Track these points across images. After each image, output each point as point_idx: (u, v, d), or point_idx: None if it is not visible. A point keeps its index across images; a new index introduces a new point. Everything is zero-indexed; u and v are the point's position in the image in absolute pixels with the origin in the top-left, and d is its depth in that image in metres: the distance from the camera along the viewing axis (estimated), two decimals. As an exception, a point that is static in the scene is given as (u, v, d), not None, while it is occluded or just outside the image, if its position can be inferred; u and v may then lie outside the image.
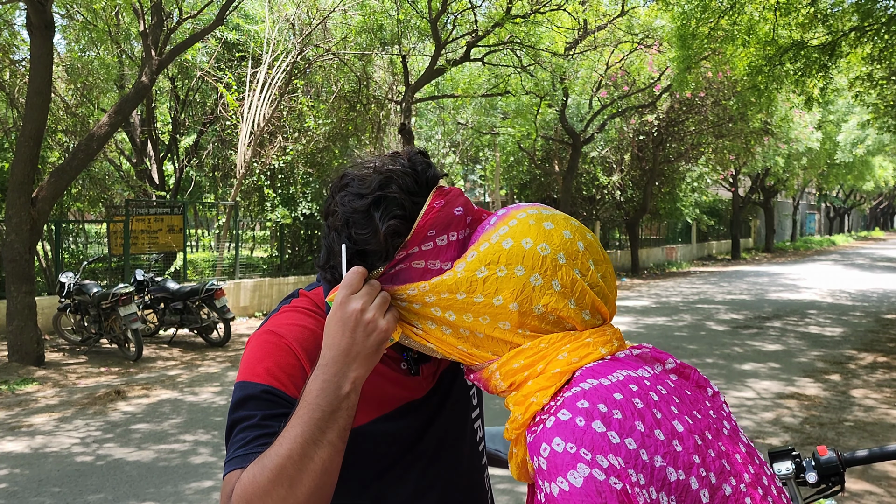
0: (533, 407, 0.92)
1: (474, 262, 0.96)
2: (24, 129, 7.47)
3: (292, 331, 1.09)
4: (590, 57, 15.52)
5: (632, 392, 0.88)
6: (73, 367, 7.76)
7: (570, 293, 0.95)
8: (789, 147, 22.29)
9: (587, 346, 0.95)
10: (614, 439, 0.83)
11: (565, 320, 0.96)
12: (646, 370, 0.94)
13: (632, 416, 0.85)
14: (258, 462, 0.94)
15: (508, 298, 0.94)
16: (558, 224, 0.99)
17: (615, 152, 20.78)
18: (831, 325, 10.74)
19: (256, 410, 1.02)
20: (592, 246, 0.99)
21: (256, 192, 14.48)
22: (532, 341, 0.96)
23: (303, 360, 1.06)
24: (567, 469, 0.82)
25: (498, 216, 1.02)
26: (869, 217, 63.05)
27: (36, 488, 4.20)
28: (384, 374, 1.14)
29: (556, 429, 0.85)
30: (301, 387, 1.02)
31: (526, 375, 0.95)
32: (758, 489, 0.91)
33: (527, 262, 0.95)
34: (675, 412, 0.89)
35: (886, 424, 5.58)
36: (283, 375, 1.04)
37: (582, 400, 0.87)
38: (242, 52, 14.60)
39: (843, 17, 10.64)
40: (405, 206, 0.98)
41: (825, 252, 33.45)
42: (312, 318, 1.12)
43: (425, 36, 13.73)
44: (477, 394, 1.30)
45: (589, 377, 0.91)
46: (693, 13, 10.28)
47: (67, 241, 11.88)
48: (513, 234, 0.97)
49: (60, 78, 13.22)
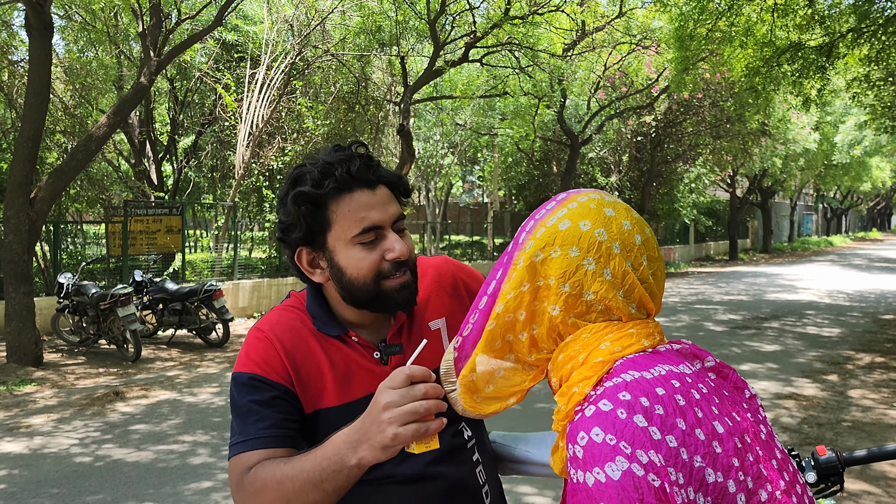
0: (575, 397, 0.91)
1: (531, 250, 0.96)
2: (23, 130, 7.46)
3: (272, 325, 1.26)
4: (588, 58, 15.54)
5: (674, 388, 0.87)
6: (71, 368, 7.76)
7: (620, 284, 0.94)
8: (787, 148, 22.33)
9: (630, 336, 0.93)
10: (655, 435, 0.81)
11: (612, 311, 0.95)
12: (686, 366, 0.93)
13: (673, 412, 0.84)
14: (279, 466, 1.11)
15: (560, 279, 0.94)
16: (619, 213, 0.97)
17: (613, 153, 20.81)
18: (829, 326, 10.76)
19: (247, 396, 1.19)
20: (649, 241, 0.98)
21: (255, 192, 14.47)
22: (574, 333, 0.95)
23: (278, 349, 1.22)
24: (605, 460, 0.80)
25: (557, 200, 1.01)
26: (866, 218, 63.15)
27: (34, 489, 4.20)
28: (357, 361, 1.25)
29: (596, 418, 0.83)
30: (280, 373, 1.20)
31: (570, 367, 0.94)
32: (792, 497, 0.89)
33: (582, 244, 0.94)
34: (715, 412, 0.88)
35: (884, 425, 5.59)
36: (264, 363, 1.21)
37: (624, 391, 0.85)
38: (241, 53, 14.60)
39: (841, 19, 10.65)
40: (310, 196, 1.19)
41: (823, 253, 33.51)
42: (292, 313, 1.28)
43: (424, 37, 13.74)
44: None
45: (630, 368, 0.89)
46: (691, 14, 10.30)
47: (66, 242, 11.86)
48: (571, 216, 0.96)
49: (59, 79, 13.21)
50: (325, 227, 1.21)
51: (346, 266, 1.21)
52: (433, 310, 1.34)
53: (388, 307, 1.24)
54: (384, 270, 1.21)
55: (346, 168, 1.19)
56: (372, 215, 1.20)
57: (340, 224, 1.20)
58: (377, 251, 1.21)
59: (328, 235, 1.21)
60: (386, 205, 1.22)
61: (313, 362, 1.23)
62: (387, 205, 1.22)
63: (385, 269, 1.21)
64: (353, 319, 1.28)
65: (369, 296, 1.22)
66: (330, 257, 1.22)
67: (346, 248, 1.20)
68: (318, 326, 1.26)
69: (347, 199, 1.20)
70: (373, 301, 1.22)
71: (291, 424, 1.19)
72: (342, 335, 1.27)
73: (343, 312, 1.28)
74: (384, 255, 1.21)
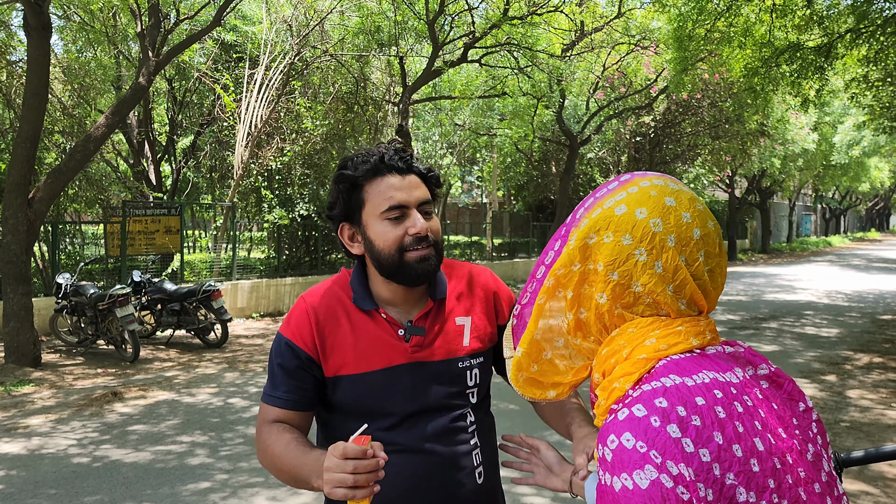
0: (616, 392, 0.89)
1: (585, 230, 0.94)
2: (21, 130, 7.46)
3: (313, 296, 1.47)
4: (587, 58, 15.53)
5: (715, 399, 0.83)
6: (69, 369, 7.75)
7: (670, 279, 0.90)
8: (785, 148, 22.34)
9: (678, 334, 0.90)
10: (688, 447, 0.78)
11: (661, 305, 0.91)
12: (735, 374, 0.88)
13: (711, 425, 0.80)
14: (281, 440, 1.38)
15: (609, 266, 0.91)
16: (680, 203, 0.93)
17: (612, 154, 20.81)
18: (827, 326, 10.77)
19: (278, 358, 1.45)
20: (709, 236, 0.93)
21: (254, 193, 14.46)
22: (620, 327, 0.93)
23: (311, 319, 1.43)
24: (633, 467, 0.79)
25: (619, 181, 0.98)
26: (865, 218, 63.20)
27: (32, 490, 4.19)
28: (382, 336, 1.43)
29: (629, 423, 0.81)
30: (307, 342, 1.42)
31: (613, 362, 0.91)
32: None
33: (635, 232, 0.90)
34: (758, 428, 0.84)
35: (882, 425, 5.59)
36: (297, 330, 1.44)
37: (661, 398, 0.82)
38: (240, 53, 14.59)
39: (839, 19, 10.66)
40: (348, 178, 1.41)
41: (821, 253, 33.53)
42: (336, 286, 1.48)
43: (423, 37, 13.74)
44: (479, 394, 1.51)
45: (673, 372, 0.86)
46: (689, 15, 10.30)
47: (64, 243, 11.84)
48: (628, 202, 0.92)
49: (57, 79, 13.19)
50: (360, 204, 1.41)
51: (376, 239, 1.40)
52: (462, 308, 1.50)
53: (410, 277, 1.40)
54: (406, 244, 1.38)
55: (380, 156, 1.41)
56: (398, 195, 1.39)
57: (372, 202, 1.40)
58: (401, 227, 1.39)
59: (363, 212, 1.41)
60: (412, 188, 1.41)
61: (341, 333, 1.43)
62: (413, 188, 1.41)
63: (407, 243, 1.38)
64: (387, 297, 1.46)
65: (394, 266, 1.39)
66: (364, 231, 1.42)
67: (376, 222, 1.40)
68: (355, 300, 1.45)
69: (379, 181, 1.40)
70: (397, 271, 1.40)
71: (307, 393, 1.44)
72: (373, 311, 1.44)
73: (379, 289, 1.46)
74: (407, 231, 1.38)
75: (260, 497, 4.10)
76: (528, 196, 23.65)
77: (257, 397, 6.44)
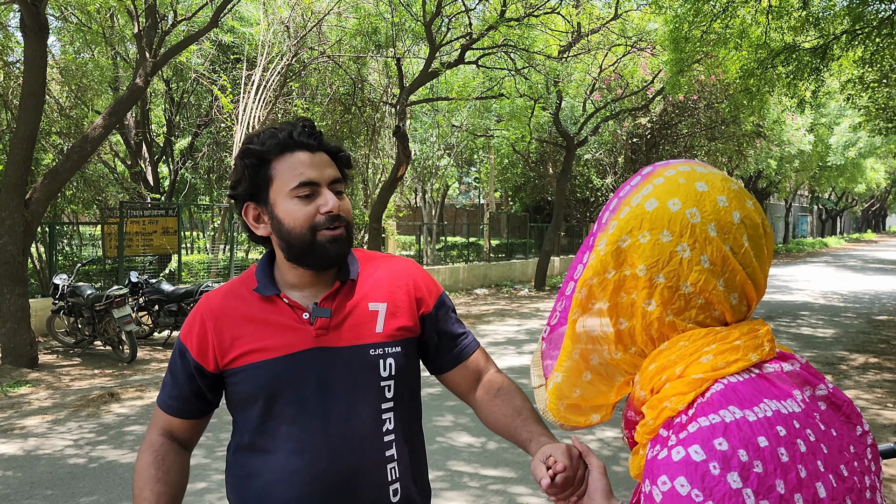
0: (666, 412, 0.81)
1: (615, 233, 0.85)
2: (18, 131, 7.46)
3: (210, 295, 1.42)
4: (583, 60, 15.56)
5: (778, 438, 0.75)
6: (66, 370, 7.74)
7: (720, 272, 0.82)
8: (781, 150, 22.41)
9: (735, 350, 0.81)
10: (749, 500, 0.72)
11: (713, 305, 0.83)
12: (796, 401, 0.80)
13: (774, 472, 0.73)
14: (145, 473, 1.41)
15: (653, 269, 0.82)
16: (713, 186, 0.84)
17: (609, 155, 20.85)
18: (823, 327, 10.80)
19: (172, 360, 1.42)
20: (750, 217, 0.84)
21: (251, 194, 14.44)
22: (669, 340, 0.84)
23: (203, 318, 1.37)
24: None
25: (642, 175, 0.90)
26: (861, 219, 63.35)
27: (28, 491, 4.20)
28: (282, 322, 1.34)
29: (685, 467, 0.74)
30: (196, 344, 1.36)
31: (664, 379, 0.83)
32: None
33: (673, 227, 0.82)
34: (821, 469, 0.76)
35: (878, 425, 5.62)
36: (189, 333, 1.39)
37: (721, 439, 0.74)
38: (237, 54, 14.60)
39: (835, 21, 10.69)
40: (255, 152, 1.33)
41: (817, 254, 33.60)
42: (239, 280, 1.43)
43: (420, 39, 13.75)
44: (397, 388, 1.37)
45: (732, 403, 0.77)
46: (686, 17, 10.33)
47: (61, 243, 11.83)
48: (657, 194, 0.84)
49: (55, 80, 13.19)
50: (267, 182, 1.33)
51: (284, 217, 1.31)
52: (378, 294, 1.39)
53: (321, 258, 1.32)
54: (319, 223, 1.31)
55: (288, 132, 1.33)
56: (308, 172, 1.31)
57: (280, 179, 1.31)
58: (312, 205, 1.31)
59: (270, 190, 1.33)
60: (323, 166, 1.33)
61: (238, 325, 1.35)
62: (324, 166, 1.33)
63: (320, 222, 1.31)
64: (292, 280, 1.37)
65: (304, 246, 1.31)
66: (271, 210, 1.33)
67: (284, 200, 1.31)
68: (257, 288, 1.37)
69: (288, 157, 1.32)
70: (308, 252, 1.32)
71: (188, 402, 1.41)
72: (274, 296, 1.36)
73: (285, 274, 1.38)
74: (318, 209, 1.31)
75: (257, 497, 4.11)
76: (525, 197, 23.68)
77: (254, 398, 6.44)
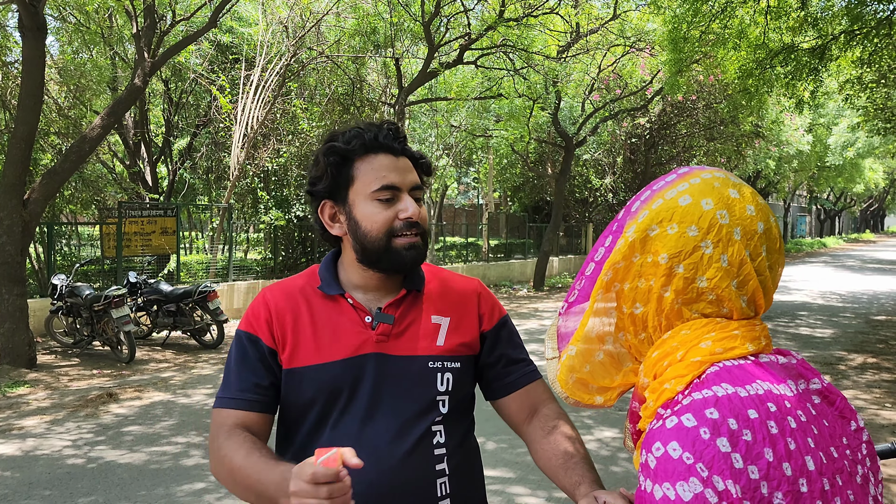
0: (666, 394, 0.86)
1: (646, 221, 0.90)
2: (16, 131, 7.45)
3: (273, 288, 1.39)
4: (582, 60, 15.57)
5: (768, 412, 0.80)
6: (65, 370, 7.74)
7: (735, 274, 0.87)
8: (780, 150, 22.43)
9: (734, 338, 0.86)
10: (737, 463, 0.76)
11: (724, 302, 0.88)
12: (789, 387, 0.85)
13: (763, 441, 0.77)
14: (233, 455, 1.22)
15: (675, 259, 0.87)
16: (744, 196, 0.90)
17: (608, 155, 20.86)
18: (822, 327, 10.81)
19: (237, 352, 1.34)
20: (771, 232, 0.90)
21: (250, 194, 14.45)
22: (672, 329, 0.89)
23: (271, 308, 1.35)
24: (677, 478, 0.76)
25: (678, 174, 0.95)
26: (859, 219, 63.40)
27: (26, 491, 4.19)
28: (345, 323, 1.31)
29: (677, 433, 0.78)
30: (265, 332, 1.33)
31: (666, 364, 0.88)
32: None
33: (702, 223, 0.87)
34: (810, 445, 0.80)
35: (876, 425, 5.62)
36: (255, 321, 1.35)
37: (712, 409, 0.79)
38: (236, 54, 14.59)
39: (833, 21, 10.70)
40: (339, 150, 1.31)
41: (816, 254, 33.63)
42: (300, 277, 1.40)
43: (418, 39, 13.75)
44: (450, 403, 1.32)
45: (725, 381, 0.82)
46: (684, 17, 10.33)
47: (60, 244, 11.81)
48: (692, 192, 0.89)
49: (53, 80, 13.17)
50: (348, 181, 1.31)
51: (362, 219, 1.30)
52: (443, 308, 1.37)
53: (396, 264, 1.30)
54: (396, 228, 1.29)
55: (374, 133, 1.32)
56: (391, 176, 1.29)
57: (362, 180, 1.30)
58: (392, 210, 1.29)
59: (350, 190, 1.31)
60: (406, 171, 1.32)
61: (301, 322, 1.32)
62: (406, 171, 1.32)
63: (397, 227, 1.29)
64: (358, 282, 1.35)
65: (380, 251, 1.29)
66: (349, 211, 1.32)
67: (364, 202, 1.30)
68: (321, 287, 1.35)
69: (371, 159, 1.31)
70: (383, 256, 1.30)
71: (264, 391, 1.31)
72: (338, 296, 1.34)
73: (351, 275, 1.36)
74: (398, 214, 1.29)
75: (255, 497, 4.10)
76: (523, 197, 23.68)
77: (253, 398, 6.44)
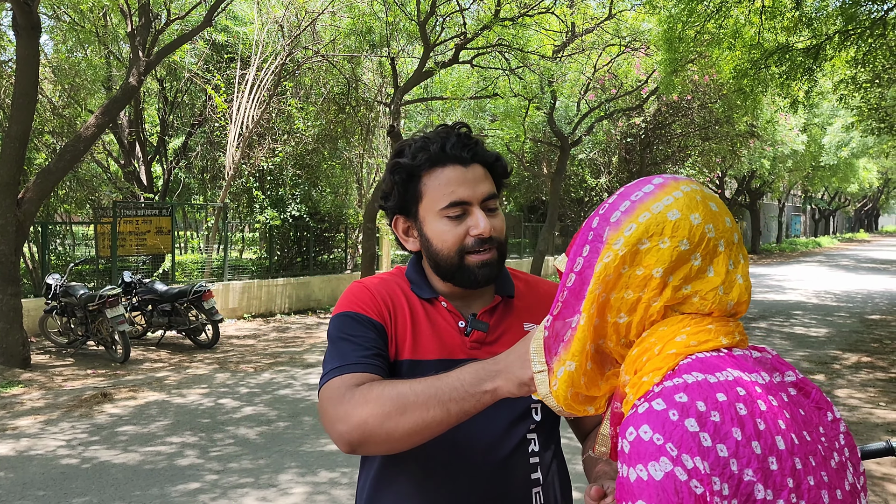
0: (644, 386, 0.89)
1: (635, 234, 0.92)
2: (10, 131, 7.42)
3: (371, 280, 1.33)
4: (578, 60, 15.58)
5: (737, 396, 0.83)
6: (59, 370, 7.71)
7: (720, 283, 0.92)
8: (775, 149, 22.48)
9: (708, 332, 0.90)
10: (705, 442, 0.79)
11: (708, 305, 0.92)
12: (761, 376, 0.88)
13: (731, 421, 0.80)
14: (393, 384, 1.07)
15: (667, 272, 0.90)
16: (721, 209, 0.94)
17: (603, 155, 20.88)
18: (816, 326, 10.84)
19: (344, 329, 1.22)
20: (741, 242, 0.96)
21: (245, 193, 14.42)
22: (652, 327, 0.93)
23: (376, 295, 1.28)
24: (649, 459, 0.79)
25: (655, 185, 0.96)
26: (854, 219, 63.63)
27: (20, 491, 4.18)
28: (441, 324, 1.28)
29: (647, 416, 0.82)
30: (377, 312, 1.25)
31: (645, 359, 0.91)
32: None
33: (693, 238, 0.91)
34: (781, 427, 0.83)
35: (870, 424, 5.65)
36: (363, 304, 1.26)
37: (681, 393, 0.83)
38: (231, 53, 14.56)
39: (828, 21, 10.73)
40: (405, 167, 1.26)
41: (811, 254, 33.74)
42: (390, 277, 1.35)
43: (414, 38, 13.74)
44: (543, 411, 1.29)
45: (696, 369, 0.86)
46: (680, 17, 10.35)
47: (54, 243, 11.77)
48: (679, 206, 0.92)
49: (47, 79, 13.13)
50: (417, 197, 1.27)
51: (433, 237, 1.26)
52: (532, 314, 1.34)
53: (469, 282, 1.26)
54: (467, 245, 1.24)
55: (441, 144, 1.25)
56: (460, 191, 1.24)
57: (430, 196, 1.25)
58: (462, 226, 1.24)
59: (419, 206, 1.27)
60: (476, 182, 1.25)
61: (401, 316, 1.28)
62: (477, 182, 1.25)
63: (468, 245, 1.24)
64: (444, 290, 1.32)
65: (452, 269, 1.26)
66: (420, 227, 1.28)
67: (433, 219, 1.26)
68: (413, 290, 1.32)
69: (439, 173, 1.25)
70: (455, 274, 1.26)
71: (384, 360, 1.21)
72: (433, 299, 1.31)
73: (436, 283, 1.32)
74: (469, 231, 1.24)
75: (249, 498, 4.10)
76: (519, 197, 23.69)
77: (248, 398, 6.44)
